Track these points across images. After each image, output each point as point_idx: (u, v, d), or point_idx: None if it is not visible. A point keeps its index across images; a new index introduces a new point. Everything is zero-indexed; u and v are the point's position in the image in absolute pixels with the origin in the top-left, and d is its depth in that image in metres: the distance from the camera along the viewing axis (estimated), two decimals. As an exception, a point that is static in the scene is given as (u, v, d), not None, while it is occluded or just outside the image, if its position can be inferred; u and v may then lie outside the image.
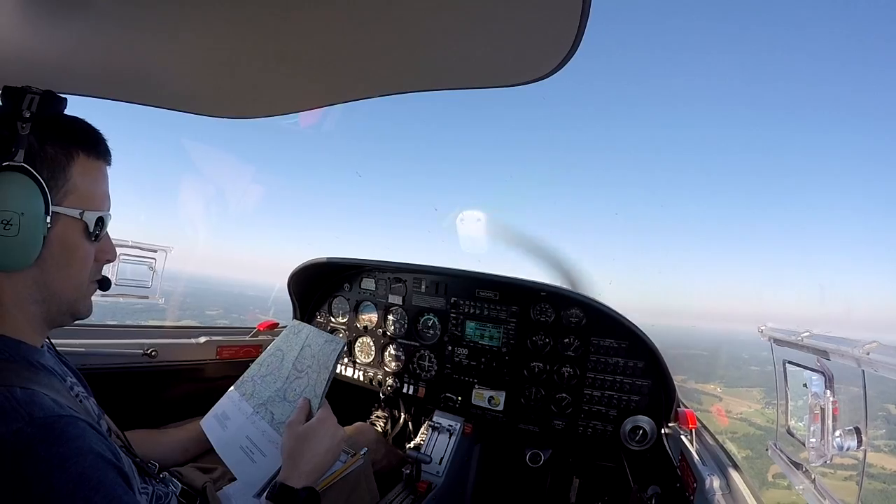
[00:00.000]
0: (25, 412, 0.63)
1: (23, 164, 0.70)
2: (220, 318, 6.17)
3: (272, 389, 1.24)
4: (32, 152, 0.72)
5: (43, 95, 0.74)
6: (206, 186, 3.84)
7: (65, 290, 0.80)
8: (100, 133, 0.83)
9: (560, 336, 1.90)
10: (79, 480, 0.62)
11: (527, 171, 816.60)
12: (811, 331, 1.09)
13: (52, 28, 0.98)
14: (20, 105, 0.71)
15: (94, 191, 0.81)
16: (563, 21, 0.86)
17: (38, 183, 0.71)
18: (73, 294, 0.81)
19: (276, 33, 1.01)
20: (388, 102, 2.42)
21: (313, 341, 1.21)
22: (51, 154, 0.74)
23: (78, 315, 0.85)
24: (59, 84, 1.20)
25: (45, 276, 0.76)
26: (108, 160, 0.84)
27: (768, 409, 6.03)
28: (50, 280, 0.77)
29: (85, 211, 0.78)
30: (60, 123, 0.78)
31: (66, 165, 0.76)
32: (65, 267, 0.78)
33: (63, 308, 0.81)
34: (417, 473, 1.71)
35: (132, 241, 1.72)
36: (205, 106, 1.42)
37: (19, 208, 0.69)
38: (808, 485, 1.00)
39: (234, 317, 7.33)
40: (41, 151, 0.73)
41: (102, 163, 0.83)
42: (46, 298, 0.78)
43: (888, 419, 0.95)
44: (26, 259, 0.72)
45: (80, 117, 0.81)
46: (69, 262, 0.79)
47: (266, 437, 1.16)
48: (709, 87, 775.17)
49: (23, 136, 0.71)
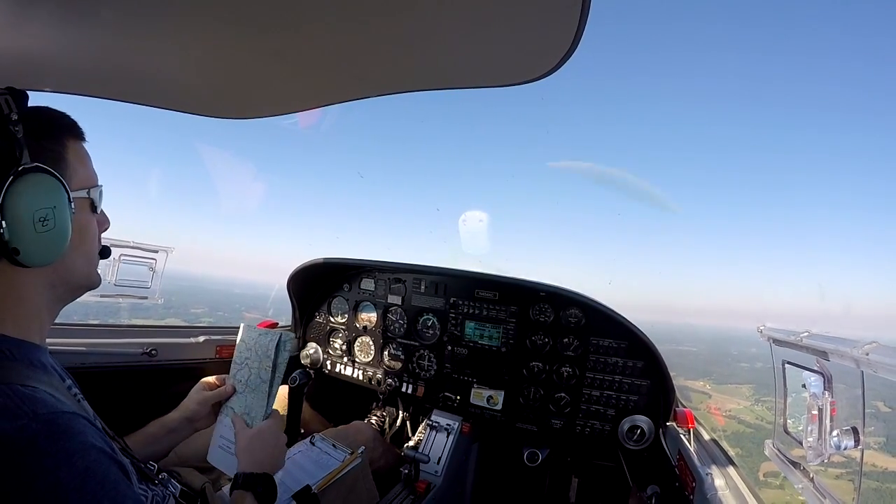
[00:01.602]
0: (29, 409, 0.63)
1: (37, 164, 0.74)
2: (206, 317, 6.16)
3: None
4: (34, 150, 0.75)
5: (14, 95, 0.76)
6: (194, 184, 3.83)
7: (81, 266, 0.85)
8: (70, 116, 0.87)
9: (559, 336, 1.90)
10: (85, 475, 0.63)
11: (527, 172, 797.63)
12: (810, 331, 1.09)
13: (51, 28, 0.98)
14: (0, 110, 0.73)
15: (87, 169, 0.86)
16: (563, 20, 0.86)
17: (55, 176, 0.76)
18: (87, 268, 0.87)
19: (276, 33, 1.01)
20: (388, 102, 2.42)
21: (247, 335, 1.31)
22: (48, 147, 0.78)
23: (91, 286, 0.90)
24: (59, 84, 1.21)
25: (65, 260, 0.80)
26: (85, 138, 0.88)
27: (758, 406, 6.02)
28: (70, 261, 0.81)
29: (90, 189, 0.84)
30: (42, 118, 0.81)
31: (62, 154, 0.80)
32: (81, 245, 0.83)
33: (81, 283, 0.87)
34: (416, 473, 1.71)
35: (133, 242, 1.71)
36: (205, 106, 1.42)
37: (50, 203, 0.74)
38: (806, 483, 1.01)
39: (220, 315, 7.32)
40: (40, 147, 0.76)
41: (83, 142, 0.87)
42: (65, 279, 0.83)
43: (877, 416, 0.95)
44: (63, 248, 0.77)
45: (46, 106, 0.84)
46: (84, 239, 0.84)
47: (233, 429, 1.22)
48: (710, 85, 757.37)
49: (20, 138, 0.73)
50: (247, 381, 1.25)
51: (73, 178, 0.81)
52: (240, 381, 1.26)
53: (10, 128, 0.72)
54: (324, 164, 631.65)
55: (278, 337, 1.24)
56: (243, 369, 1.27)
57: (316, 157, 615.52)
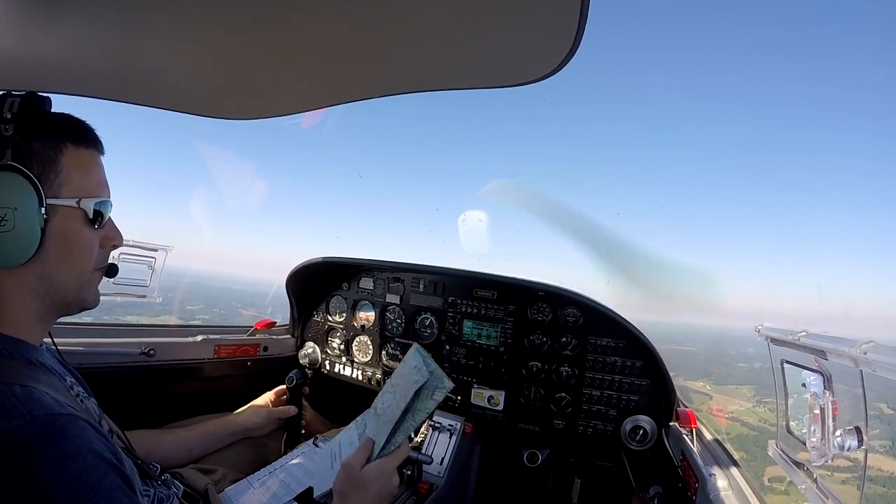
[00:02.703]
0: (25, 410, 0.63)
1: (10, 163, 0.73)
2: (201, 314, 6.11)
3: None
4: (20, 150, 0.74)
5: (24, 97, 0.77)
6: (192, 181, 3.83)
7: (68, 280, 0.81)
8: (87, 124, 0.85)
9: (557, 335, 1.90)
10: (78, 481, 0.62)
11: (527, 171, 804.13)
12: (808, 330, 1.09)
13: (51, 29, 0.97)
14: (0, 110, 0.74)
15: (89, 179, 0.83)
16: (563, 21, 0.86)
17: (29, 178, 0.74)
18: (75, 283, 0.83)
19: (276, 34, 1.01)
20: (388, 102, 2.42)
21: (409, 361, 1.17)
22: (38, 149, 0.77)
23: (84, 305, 0.86)
24: (58, 85, 1.20)
25: (47, 269, 0.78)
26: (100, 149, 0.86)
27: (759, 407, 5.96)
28: (52, 271, 0.79)
29: (81, 199, 0.80)
30: (45, 120, 0.81)
31: (55, 158, 0.78)
32: (66, 256, 0.80)
33: (68, 298, 0.83)
34: (418, 474, 1.71)
35: (133, 241, 1.70)
36: (205, 106, 1.41)
37: (12, 204, 0.72)
38: (809, 484, 1.01)
39: (216, 311, 7.30)
40: (28, 148, 0.75)
41: (94, 152, 0.85)
42: (50, 291, 0.80)
43: (881, 418, 0.95)
44: (25, 253, 0.74)
45: (63, 112, 0.84)
46: (70, 251, 0.81)
47: (353, 447, 1.12)
48: (710, 85, 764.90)
49: (7, 136, 0.73)
50: (385, 407, 1.13)
51: (63, 184, 0.78)
52: (382, 404, 1.15)
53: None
54: (324, 164, 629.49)
55: (423, 382, 1.07)
56: (387, 394, 1.15)
57: (316, 157, 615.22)
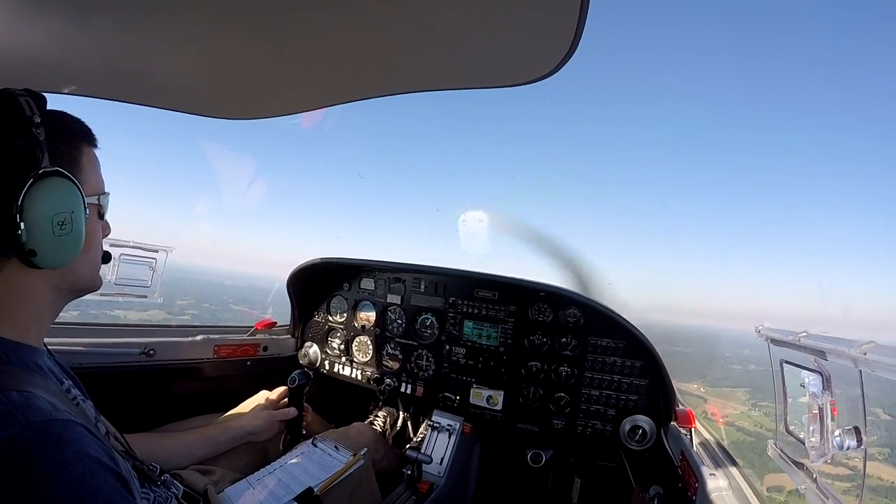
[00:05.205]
0: (22, 416, 0.62)
1: (57, 168, 0.75)
2: (191, 309, 6.08)
3: None
4: (52, 154, 0.75)
5: (33, 97, 0.76)
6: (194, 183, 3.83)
7: (86, 271, 0.86)
8: (85, 123, 0.87)
9: (557, 335, 1.91)
10: (78, 487, 0.61)
11: (527, 171, 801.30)
12: (808, 331, 1.09)
13: (51, 28, 0.97)
14: (21, 111, 0.73)
15: (98, 176, 0.87)
16: (562, 21, 0.86)
17: (73, 181, 0.76)
18: (91, 272, 0.88)
19: (277, 34, 1.01)
20: (388, 102, 2.42)
21: None
22: (65, 152, 0.79)
23: (93, 289, 0.91)
24: (58, 84, 1.20)
25: (73, 263, 0.80)
26: (97, 145, 0.89)
27: (755, 411, 5.93)
28: (77, 265, 0.82)
29: (100, 196, 0.85)
30: (60, 122, 0.81)
31: (78, 159, 0.81)
32: (88, 249, 0.84)
33: (84, 286, 0.88)
34: (418, 474, 1.71)
35: (133, 242, 1.71)
36: (205, 106, 1.42)
37: (69, 207, 0.75)
38: (809, 484, 1.01)
39: (206, 307, 7.26)
40: (57, 150, 0.77)
41: (95, 148, 0.88)
42: (70, 282, 0.84)
43: (877, 424, 0.95)
44: (76, 252, 0.78)
45: (63, 111, 0.85)
46: (91, 245, 0.85)
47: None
48: (710, 86, 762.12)
49: (41, 140, 0.73)
50: None
51: (85, 183, 0.81)
52: None
53: (32, 130, 0.72)
54: (325, 164, 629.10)
55: None
56: None
57: (317, 157, 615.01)
